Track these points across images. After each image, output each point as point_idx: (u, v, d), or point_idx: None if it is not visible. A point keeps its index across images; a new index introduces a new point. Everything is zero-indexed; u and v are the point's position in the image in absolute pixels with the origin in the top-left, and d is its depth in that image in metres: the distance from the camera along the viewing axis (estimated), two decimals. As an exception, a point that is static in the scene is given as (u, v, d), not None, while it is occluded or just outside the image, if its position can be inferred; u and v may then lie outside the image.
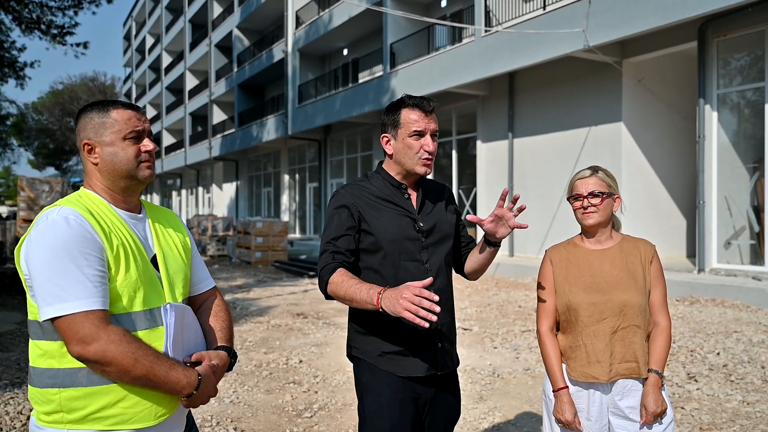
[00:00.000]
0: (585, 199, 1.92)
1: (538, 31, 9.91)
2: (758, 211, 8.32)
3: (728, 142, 8.63)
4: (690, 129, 9.93)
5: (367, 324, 1.84)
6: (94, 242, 1.31)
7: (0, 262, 12.13)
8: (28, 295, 1.36)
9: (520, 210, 1.76)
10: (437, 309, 1.42)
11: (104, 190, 1.45)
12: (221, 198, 30.01)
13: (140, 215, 1.51)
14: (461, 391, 2.18)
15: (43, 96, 43.35)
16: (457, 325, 6.26)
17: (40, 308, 1.29)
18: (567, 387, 1.93)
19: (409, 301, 1.44)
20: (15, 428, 3.47)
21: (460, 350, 5.22)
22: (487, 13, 11.62)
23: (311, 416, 3.79)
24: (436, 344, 1.83)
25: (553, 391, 1.94)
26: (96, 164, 1.43)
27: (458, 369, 2.20)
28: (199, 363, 1.44)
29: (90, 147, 1.43)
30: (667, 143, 10.29)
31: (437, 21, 12.45)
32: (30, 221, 11.75)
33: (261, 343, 5.78)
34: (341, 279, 1.67)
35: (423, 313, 1.42)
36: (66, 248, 1.27)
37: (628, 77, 9.86)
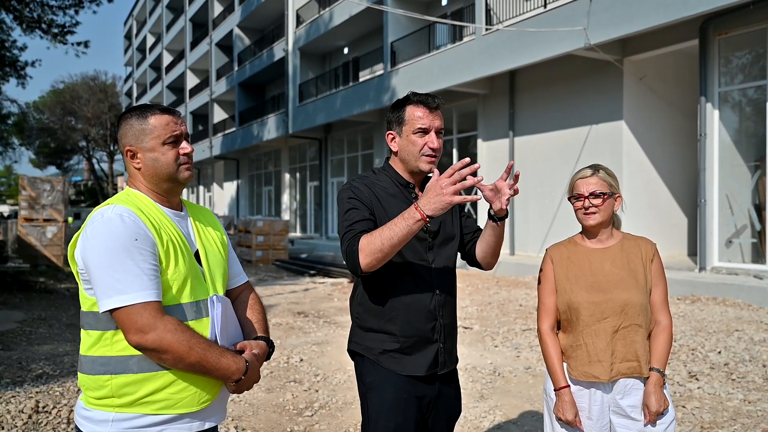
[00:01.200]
0: (586, 200, 1.91)
1: (538, 30, 9.90)
2: (759, 209, 8.31)
3: (729, 141, 8.61)
4: (691, 127, 9.91)
5: (370, 321, 1.84)
6: (147, 238, 1.40)
7: (1, 261, 12.14)
8: (81, 288, 1.45)
9: (516, 180, 1.73)
10: (477, 166, 1.50)
11: (149, 191, 1.54)
12: (222, 197, 30.03)
13: (182, 213, 1.60)
14: (462, 390, 2.18)
15: (44, 95, 43.41)
16: (458, 323, 6.26)
17: (99, 300, 1.37)
18: (568, 386, 1.92)
19: (451, 186, 1.51)
20: (16, 426, 3.48)
21: (461, 349, 5.22)
22: (487, 11, 11.60)
23: (312, 415, 3.79)
24: (438, 344, 1.83)
25: (555, 390, 1.94)
26: (139, 169, 1.52)
27: (459, 368, 2.20)
28: (242, 351, 1.52)
29: (132, 153, 1.52)
30: (668, 142, 10.27)
31: (438, 19, 12.44)
32: (31, 220, 11.77)
33: (262, 342, 5.78)
34: (369, 237, 1.62)
35: (470, 180, 1.50)
36: (122, 244, 1.36)
37: (629, 75, 9.84)
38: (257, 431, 3.55)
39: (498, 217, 1.79)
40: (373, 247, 1.60)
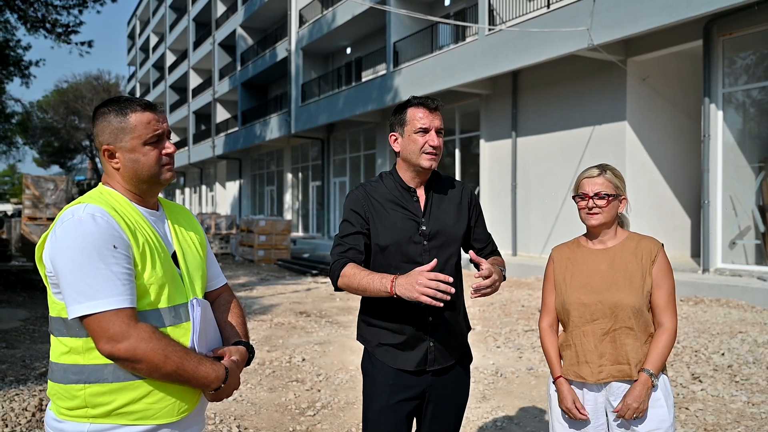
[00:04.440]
0: (590, 200, 1.90)
1: (542, 30, 9.88)
2: (763, 210, 8.28)
3: (733, 142, 8.59)
4: (695, 128, 9.88)
5: (372, 316, 1.97)
6: (121, 240, 1.31)
7: (5, 260, 12.17)
8: (49, 292, 1.36)
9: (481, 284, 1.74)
10: (452, 290, 1.57)
11: (125, 190, 1.44)
12: (224, 196, 30.07)
13: (158, 213, 1.51)
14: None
15: (47, 94, 43.46)
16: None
17: (68, 306, 1.28)
18: (563, 377, 1.97)
19: (425, 286, 1.57)
20: (20, 424, 3.49)
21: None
22: (490, 11, 11.59)
23: (314, 414, 3.79)
24: (428, 342, 1.90)
25: (553, 381, 1.98)
26: (118, 169, 1.42)
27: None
28: (221, 358, 1.46)
29: (110, 152, 1.41)
30: (671, 142, 10.25)
31: (441, 20, 12.43)
32: (35, 219, 11.80)
33: (264, 342, 5.79)
34: (352, 272, 1.79)
35: (440, 295, 1.56)
36: (94, 246, 1.27)
37: (633, 76, 9.82)
38: (259, 430, 3.55)
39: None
40: (349, 284, 1.80)
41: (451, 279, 1.57)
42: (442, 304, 1.58)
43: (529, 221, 11.65)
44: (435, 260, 1.67)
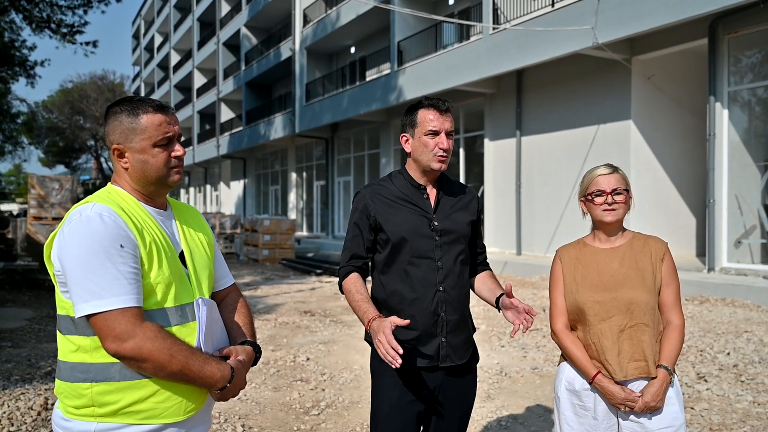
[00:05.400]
0: (609, 196, 1.92)
1: (546, 29, 9.86)
2: (769, 209, 8.24)
3: (739, 140, 8.55)
4: (700, 127, 9.84)
5: (382, 312, 1.93)
6: (129, 239, 1.32)
7: (11, 259, 12.24)
8: (57, 291, 1.37)
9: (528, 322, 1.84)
10: (398, 362, 1.62)
11: (133, 190, 1.46)
12: (229, 196, 30.14)
13: (167, 212, 1.52)
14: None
15: (53, 94, 43.65)
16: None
17: (75, 305, 1.29)
18: (600, 372, 1.89)
19: (380, 343, 1.68)
20: (26, 423, 3.50)
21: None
22: (495, 10, 11.57)
23: (318, 414, 3.80)
24: (440, 338, 1.91)
25: (590, 383, 1.90)
26: (126, 168, 1.43)
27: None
28: (227, 357, 1.46)
29: (119, 152, 1.42)
30: (676, 141, 10.21)
31: (445, 19, 12.42)
32: (40, 218, 11.85)
33: (268, 341, 5.80)
34: (349, 287, 1.91)
35: (389, 358, 1.63)
36: (101, 245, 1.28)
37: (638, 75, 9.78)
38: (264, 430, 3.56)
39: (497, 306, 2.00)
40: (346, 296, 1.93)
41: (401, 351, 1.61)
42: (395, 365, 1.61)
43: (534, 220, 11.63)
44: (407, 322, 1.69)
